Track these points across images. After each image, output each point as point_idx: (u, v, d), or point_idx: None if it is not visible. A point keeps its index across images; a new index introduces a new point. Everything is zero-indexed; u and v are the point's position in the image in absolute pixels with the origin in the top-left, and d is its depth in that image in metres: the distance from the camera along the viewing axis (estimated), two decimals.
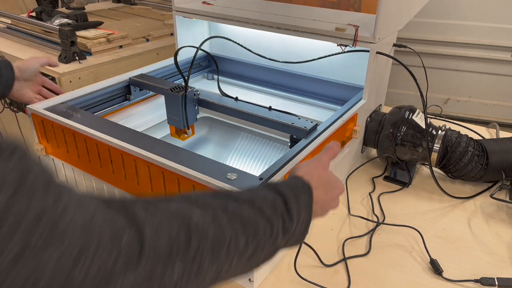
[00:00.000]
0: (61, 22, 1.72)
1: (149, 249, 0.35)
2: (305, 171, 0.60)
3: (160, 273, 0.35)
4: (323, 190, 0.60)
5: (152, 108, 1.16)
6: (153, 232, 0.36)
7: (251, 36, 1.26)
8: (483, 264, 0.81)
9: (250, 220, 0.47)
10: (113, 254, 0.32)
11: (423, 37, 2.60)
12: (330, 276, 0.78)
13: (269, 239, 0.49)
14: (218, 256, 0.42)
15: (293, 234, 0.53)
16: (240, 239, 0.44)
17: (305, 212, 0.55)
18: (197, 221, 0.41)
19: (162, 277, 0.36)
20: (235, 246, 0.44)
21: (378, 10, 0.93)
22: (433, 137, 0.99)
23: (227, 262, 0.43)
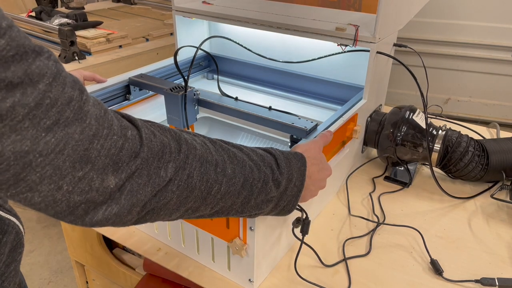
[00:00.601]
0: (61, 22, 1.72)
1: (146, 147, 0.43)
2: (302, 149, 0.65)
3: (155, 167, 0.43)
4: (317, 168, 0.66)
5: (152, 108, 1.16)
6: (148, 136, 0.44)
7: (251, 36, 1.25)
8: (484, 264, 0.81)
9: (237, 156, 0.53)
10: (121, 141, 0.41)
11: (423, 37, 2.60)
12: (330, 276, 0.78)
13: (258, 182, 0.54)
14: (207, 172, 0.48)
15: (285, 193, 0.58)
16: (227, 166, 0.51)
17: (297, 174, 0.59)
18: (187, 137, 0.48)
19: (157, 172, 0.43)
20: (223, 170, 0.50)
21: (378, 10, 0.92)
22: (433, 137, 0.99)
23: (216, 185, 0.49)
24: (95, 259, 1.14)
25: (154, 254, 0.83)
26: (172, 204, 0.47)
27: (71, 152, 0.37)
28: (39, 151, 0.36)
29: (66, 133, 0.37)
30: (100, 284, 1.23)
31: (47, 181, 0.37)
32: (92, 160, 0.39)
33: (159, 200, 0.45)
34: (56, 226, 2.06)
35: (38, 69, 0.35)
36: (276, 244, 0.77)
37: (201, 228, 0.75)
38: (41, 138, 0.36)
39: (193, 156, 0.47)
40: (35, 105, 0.35)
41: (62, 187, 0.38)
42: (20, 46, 0.34)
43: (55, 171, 0.37)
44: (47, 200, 0.38)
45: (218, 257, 0.76)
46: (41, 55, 0.36)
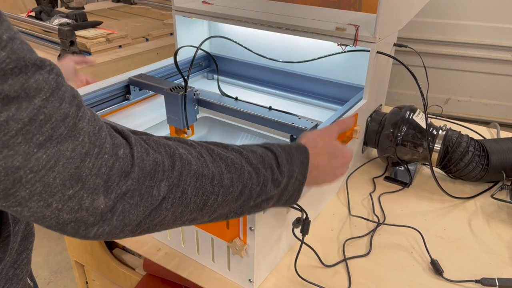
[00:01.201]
0: (61, 21, 1.72)
1: (137, 166, 0.42)
2: (308, 139, 0.64)
3: (147, 187, 0.43)
4: (327, 157, 0.64)
5: (152, 108, 1.16)
6: (141, 155, 0.43)
7: (251, 36, 1.25)
8: (484, 264, 0.81)
9: (235, 163, 0.52)
10: (111, 160, 0.40)
11: (423, 37, 2.60)
12: (331, 276, 0.78)
13: (257, 186, 0.53)
14: (202, 186, 0.48)
15: (286, 189, 0.58)
16: (224, 176, 0.50)
17: (299, 169, 0.59)
18: (181, 152, 0.47)
19: (150, 191, 0.43)
20: (219, 182, 0.49)
21: (378, 10, 0.92)
22: (433, 137, 0.99)
23: (213, 196, 0.49)
24: (95, 259, 1.14)
25: (154, 254, 0.83)
26: (167, 220, 0.47)
27: (61, 169, 0.37)
28: (30, 167, 0.35)
29: (58, 150, 0.37)
30: (100, 284, 1.22)
31: (37, 198, 0.37)
32: (83, 178, 0.38)
33: (153, 218, 0.45)
34: None
35: (36, 84, 0.35)
36: (276, 244, 0.77)
37: (201, 228, 0.75)
38: (32, 154, 0.35)
39: (187, 172, 0.47)
40: (29, 120, 0.35)
41: (52, 205, 0.38)
42: (20, 59, 0.34)
43: (45, 188, 0.37)
44: (37, 216, 0.38)
45: (218, 257, 0.76)
46: (42, 69, 0.36)
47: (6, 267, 0.52)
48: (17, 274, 0.55)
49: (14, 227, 0.53)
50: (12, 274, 0.54)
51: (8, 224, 0.51)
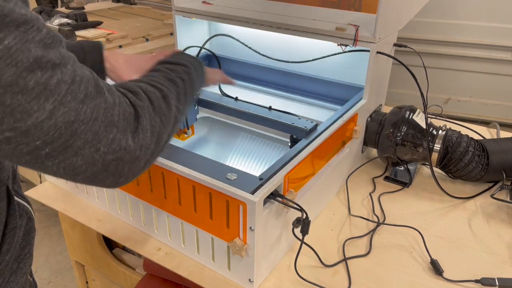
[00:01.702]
0: (61, 22, 1.72)
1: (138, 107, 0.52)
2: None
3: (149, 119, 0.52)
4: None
5: None
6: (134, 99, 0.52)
7: (251, 36, 1.25)
8: (484, 264, 0.81)
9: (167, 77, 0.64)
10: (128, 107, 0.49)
11: (423, 37, 2.60)
12: (331, 276, 0.78)
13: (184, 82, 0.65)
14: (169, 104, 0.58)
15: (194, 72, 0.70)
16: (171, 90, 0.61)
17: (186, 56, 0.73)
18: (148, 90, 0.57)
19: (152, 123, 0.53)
20: (172, 95, 0.60)
21: (378, 10, 0.92)
22: (433, 137, 0.99)
23: (174, 106, 0.60)
24: (95, 259, 1.14)
25: (154, 254, 0.83)
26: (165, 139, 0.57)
27: (103, 118, 0.45)
28: (81, 119, 0.43)
29: (95, 103, 0.44)
30: (100, 284, 1.22)
31: (89, 145, 0.44)
32: (116, 123, 0.47)
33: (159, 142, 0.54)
34: (56, 226, 2.06)
35: (66, 53, 0.43)
36: (276, 244, 0.77)
37: (201, 228, 0.75)
38: (80, 109, 0.43)
39: (157, 99, 0.56)
40: (71, 81, 0.42)
41: (100, 149, 0.45)
42: (54, 35, 0.42)
43: (94, 136, 0.44)
44: (88, 162, 0.45)
45: (218, 257, 0.76)
46: (62, 44, 0.43)
47: (11, 260, 0.54)
48: (20, 268, 0.57)
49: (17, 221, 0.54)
50: (16, 268, 0.56)
51: (15, 216, 0.54)
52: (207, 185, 0.69)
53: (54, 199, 0.97)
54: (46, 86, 0.40)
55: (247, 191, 0.66)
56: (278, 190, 0.71)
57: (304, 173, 0.81)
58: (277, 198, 0.71)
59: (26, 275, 0.59)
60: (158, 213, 0.82)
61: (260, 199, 0.65)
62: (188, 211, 0.75)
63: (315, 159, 0.84)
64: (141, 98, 0.53)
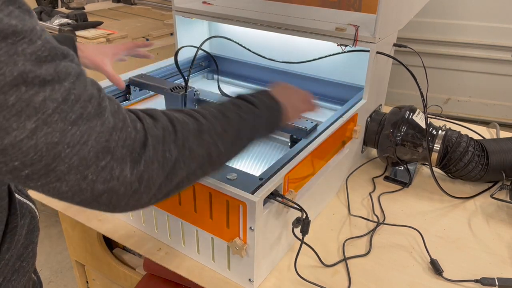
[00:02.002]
0: (61, 22, 1.72)
1: (150, 135, 0.47)
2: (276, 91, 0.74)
3: (162, 151, 0.48)
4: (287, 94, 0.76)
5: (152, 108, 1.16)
6: (150, 126, 0.49)
7: (251, 36, 1.25)
8: (484, 264, 0.81)
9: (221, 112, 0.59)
10: (133, 132, 0.46)
11: (423, 37, 2.60)
12: (330, 276, 0.78)
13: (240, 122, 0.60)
14: (203, 140, 0.54)
15: (269, 114, 0.66)
16: (216, 126, 0.56)
17: (266, 98, 0.68)
18: (177, 116, 0.54)
19: (164, 155, 0.48)
20: (215, 132, 0.56)
21: (378, 10, 0.92)
22: (433, 137, 0.99)
23: (213, 146, 0.55)
24: (95, 259, 1.14)
25: (154, 254, 0.83)
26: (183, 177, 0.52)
27: (94, 143, 0.41)
28: (67, 142, 0.40)
29: (89, 126, 0.41)
30: (100, 284, 1.23)
31: (74, 171, 0.41)
32: (112, 150, 0.43)
33: (171, 179, 0.50)
34: (56, 226, 2.06)
35: (65, 69, 0.40)
36: (276, 244, 0.77)
37: (201, 228, 0.75)
38: (68, 130, 0.40)
39: (187, 131, 0.52)
40: (63, 100, 0.39)
41: (87, 177, 0.42)
42: (52, 48, 0.39)
43: (81, 161, 0.41)
44: (74, 189, 0.42)
45: (218, 257, 0.76)
46: (67, 57, 0.41)
47: (12, 259, 0.54)
48: (23, 267, 0.57)
49: (20, 220, 0.54)
50: (19, 267, 0.56)
51: (16, 215, 0.54)
52: (207, 185, 0.69)
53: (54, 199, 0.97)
54: (29, 103, 0.37)
55: (247, 191, 0.66)
56: (278, 190, 0.72)
57: (304, 173, 0.81)
58: (277, 198, 0.71)
59: (29, 273, 0.59)
60: (158, 213, 0.82)
61: (260, 199, 0.65)
62: (188, 211, 0.75)
63: (315, 159, 0.84)
64: (160, 126, 0.49)
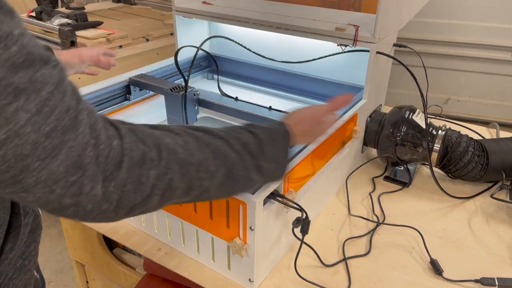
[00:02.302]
0: (61, 22, 1.72)
1: (127, 156, 0.45)
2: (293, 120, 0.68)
3: (138, 175, 0.45)
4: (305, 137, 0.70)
5: (152, 108, 1.16)
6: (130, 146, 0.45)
7: (251, 36, 1.25)
8: (483, 264, 0.81)
9: (221, 150, 0.55)
10: (107, 149, 0.43)
11: (423, 37, 2.60)
12: (330, 276, 0.78)
13: (241, 171, 0.56)
14: (188, 173, 0.50)
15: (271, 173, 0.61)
16: (209, 163, 0.53)
17: (282, 154, 0.62)
18: (168, 142, 0.50)
19: (140, 179, 0.45)
20: (205, 168, 0.52)
21: (378, 10, 0.92)
22: (433, 137, 0.99)
23: (198, 181, 0.52)
24: (95, 259, 1.14)
25: (154, 254, 0.83)
26: (156, 204, 0.49)
27: (64, 157, 0.39)
28: (37, 155, 0.38)
29: (62, 140, 0.39)
30: (100, 284, 1.23)
31: (42, 185, 0.39)
32: (84, 166, 0.41)
33: (145, 204, 0.48)
34: (56, 226, 2.06)
35: (42, 77, 0.38)
36: (276, 244, 0.77)
37: (201, 228, 0.75)
38: (40, 143, 0.38)
39: (174, 161, 0.49)
40: (37, 111, 0.37)
41: (55, 191, 0.40)
42: (29, 53, 0.37)
43: (50, 176, 0.39)
44: (41, 201, 0.41)
45: (218, 257, 0.76)
46: (48, 64, 0.39)
47: (15, 257, 0.54)
48: (25, 265, 0.56)
49: (23, 219, 0.54)
50: (21, 265, 0.56)
51: (19, 215, 0.54)
52: None
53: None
54: (1, 113, 0.35)
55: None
56: (278, 190, 0.72)
57: (304, 173, 0.81)
58: (277, 198, 0.71)
59: (30, 272, 0.59)
60: (158, 213, 0.82)
61: (260, 199, 0.65)
62: (188, 211, 0.75)
63: (315, 159, 0.84)
64: (141, 149, 0.46)
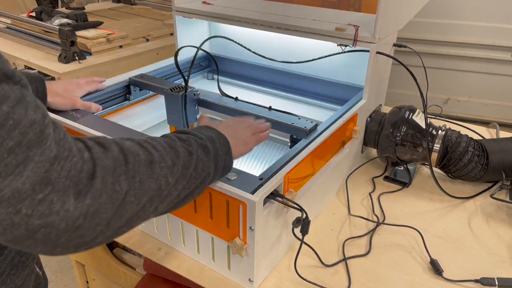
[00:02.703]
0: (61, 22, 1.72)
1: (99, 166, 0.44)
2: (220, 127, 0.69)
3: (111, 183, 0.44)
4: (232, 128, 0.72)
5: (152, 108, 1.16)
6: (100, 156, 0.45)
7: (251, 36, 1.25)
8: (483, 264, 0.81)
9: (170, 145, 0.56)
10: (80, 162, 0.42)
11: (423, 37, 2.60)
12: (330, 276, 0.78)
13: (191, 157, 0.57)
14: (154, 172, 0.50)
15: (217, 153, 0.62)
16: (166, 158, 0.53)
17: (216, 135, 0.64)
18: (128, 145, 0.50)
19: (114, 187, 0.44)
20: (165, 163, 0.52)
21: (378, 10, 0.92)
22: (433, 137, 0.99)
23: (163, 178, 0.52)
24: (95, 259, 1.14)
25: (154, 254, 0.83)
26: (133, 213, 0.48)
27: (31, 173, 0.37)
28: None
29: (27, 155, 0.37)
30: (100, 284, 1.23)
31: (5, 204, 0.36)
32: (52, 182, 0.39)
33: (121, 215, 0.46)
34: None
35: (3, 92, 0.37)
36: (276, 244, 0.77)
37: (201, 228, 0.76)
38: (3, 159, 0.35)
39: (139, 163, 0.49)
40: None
41: (21, 211, 0.37)
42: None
43: (14, 194, 0.37)
44: (5, 224, 0.37)
45: (218, 257, 0.76)
46: (11, 79, 0.38)
47: (11, 253, 0.54)
48: (22, 261, 0.56)
49: None
50: (18, 261, 0.55)
51: None
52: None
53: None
54: None
55: (247, 191, 0.66)
56: (278, 190, 0.72)
57: (304, 173, 0.81)
58: (277, 198, 0.71)
59: (29, 268, 0.58)
60: None
61: (260, 199, 0.65)
62: (188, 211, 0.75)
63: (315, 159, 0.84)
64: (110, 156, 0.45)
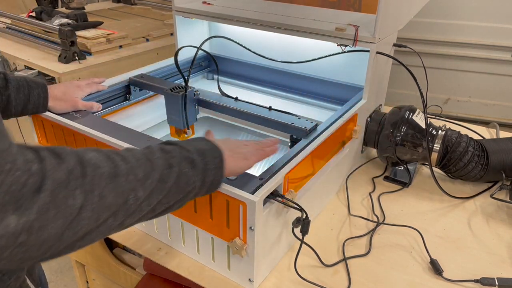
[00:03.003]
0: (61, 22, 1.72)
1: (50, 179, 0.40)
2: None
3: (63, 197, 0.41)
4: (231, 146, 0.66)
5: (152, 108, 1.16)
6: (53, 167, 0.41)
7: (251, 36, 1.25)
8: (483, 264, 0.81)
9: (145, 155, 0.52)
10: (25, 176, 0.38)
11: (423, 37, 2.60)
12: (330, 276, 0.78)
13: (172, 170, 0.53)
14: (119, 185, 0.47)
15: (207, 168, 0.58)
16: (137, 171, 0.49)
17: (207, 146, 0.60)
18: (90, 157, 0.46)
19: (66, 201, 0.41)
20: (134, 177, 0.49)
21: (378, 10, 0.92)
22: (433, 137, 0.99)
23: (132, 192, 0.48)
24: (95, 259, 1.14)
25: (154, 254, 0.83)
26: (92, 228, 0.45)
27: None
28: None
29: None
30: (101, 284, 1.23)
31: None
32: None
33: (76, 230, 0.43)
34: None
35: None
36: (276, 244, 0.77)
37: (201, 228, 0.76)
38: None
39: (99, 175, 0.45)
40: None
41: None
42: None
43: None
44: None
45: (218, 257, 0.76)
46: None
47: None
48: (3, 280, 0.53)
49: None
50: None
51: None
52: None
53: None
54: None
55: (247, 191, 0.66)
56: (278, 190, 0.72)
57: (304, 173, 0.81)
58: (277, 198, 0.71)
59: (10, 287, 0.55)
60: None
61: (260, 199, 0.65)
62: (188, 211, 0.75)
63: (315, 159, 0.84)
64: (65, 168, 0.42)
